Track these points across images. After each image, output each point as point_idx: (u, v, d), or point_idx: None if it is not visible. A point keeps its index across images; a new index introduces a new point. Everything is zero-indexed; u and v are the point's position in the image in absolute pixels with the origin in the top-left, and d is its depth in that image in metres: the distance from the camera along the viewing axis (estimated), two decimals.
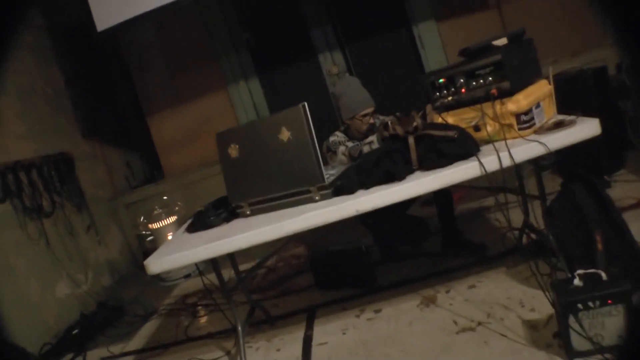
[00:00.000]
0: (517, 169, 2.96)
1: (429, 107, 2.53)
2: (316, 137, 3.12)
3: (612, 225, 2.40)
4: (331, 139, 3.24)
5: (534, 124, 2.34)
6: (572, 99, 3.77)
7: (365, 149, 2.87)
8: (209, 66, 5.36)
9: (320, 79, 5.24)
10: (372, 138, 2.88)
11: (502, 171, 2.15)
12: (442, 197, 3.31)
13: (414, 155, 2.24)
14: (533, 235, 2.98)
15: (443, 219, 3.36)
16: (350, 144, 3.14)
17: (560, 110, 3.81)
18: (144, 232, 4.95)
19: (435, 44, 5.06)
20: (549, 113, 2.47)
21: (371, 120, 3.19)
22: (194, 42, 5.32)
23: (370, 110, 3.19)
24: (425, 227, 3.58)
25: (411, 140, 2.25)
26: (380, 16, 5.18)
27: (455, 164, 2.19)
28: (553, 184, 3.59)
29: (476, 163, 2.13)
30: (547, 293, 2.21)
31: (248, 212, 2.56)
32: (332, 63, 5.21)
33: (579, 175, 2.54)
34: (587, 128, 2.21)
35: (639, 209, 3.13)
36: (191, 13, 5.04)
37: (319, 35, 5.20)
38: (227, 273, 3.07)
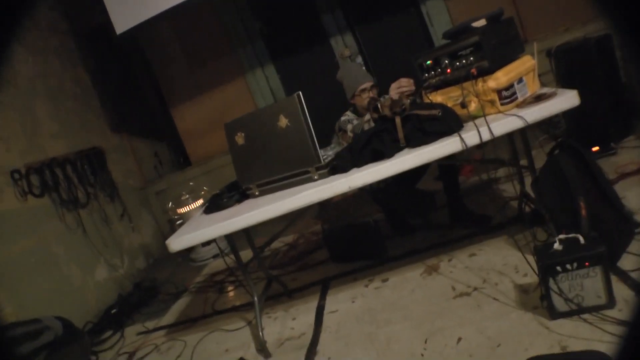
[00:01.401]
0: (512, 143, 3.08)
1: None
2: (330, 118, 3.32)
3: (598, 192, 2.49)
4: (342, 118, 3.42)
5: (516, 98, 2.46)
6: (577, 69, 3.85)
7: (366, 126, 3.03)
8: (226, 56, 5.53)
9: (333, 62, 5.35)
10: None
11: (492, 147, 2.27)
12: (447, 172, 3.44)
13: (400, 134, 2.41)
14: (531, 205, 3.08)
15: (449, 192, 3.49)
16: (356, 121, 3.30)
17: (565, 81, 3.89)
18: (173, 217, 5.19)
19: (444, 21, 5.09)
20: (532, 87, 2.58)
21: (371, 94, 3.35)
22: (210, 34, 5.49)
23: (367, 84, 3.37)
24: (432, 200, 3.73)
25: (398, 120, 2.42)
26: None
27: (439, 141, 2.35)
28: None
29: (457, 139, 2.28)
30: (526, 258, 2.35)
31: (257, 193, 2.79)
32: (343, 46, 5.32)
33: (566, 144, 2.61)
34: (565, 100, 2.30)
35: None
36: (205, 7, 5.19)
37: (329, 19, 5.32)
38: (249, 253, 3.30)
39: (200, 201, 4.97)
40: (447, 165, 3.35)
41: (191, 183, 5.42)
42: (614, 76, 3.98)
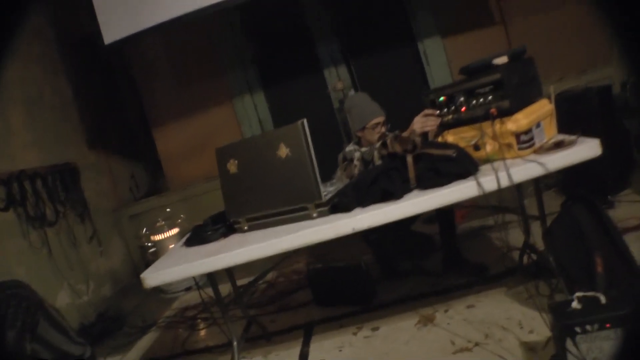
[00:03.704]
0: (519, 189, 2.95)
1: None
2: (319, 152, 3.13)
3: (613, 247, 2.37)
4: (347, 148, 3.23)
5: (534, 143, 2.34)
6: (576, 118, 3.78)
7: (376, 153, 2.85)
8: (215, 79, 5.39)
9: (325, 94, 5.25)
10: None
11: (500, 191, 2.14)
12: (444, 215, 3.29)
13: (412, 174, 2.24)
14: (534, 256, 2.95)
15: (444, 237, 3.34)
16: (365, 149, 3.13)
17: (564, 129, 3.81)
18: (146, 244, 4.95)
19: (441, 61, 5.06)
20: (549, 132, 2.46)
21: (383, 130, 3.20)
22: (200, 55, 5.36)
23: (380, 119, 3.22)
24: (431, 243, 3.58)
25: (409, 158, 2.25)
26: (385, 32, 5.20)
27: (453, 184, 2.19)
28: (557, 203, 3.55)
29: (474, 183, 2.13)
30: (543, 315, 2.20)
31: (245, 228, 2.57)
32: (337, 78, 5.22)
33: (580, 196, 2.50)
34: (587, 148, 2.21)
35: None
36: (198, 26, 5.06)
37: (324, 50, 5.22)
38: (228, 287, 3.08)
39: (177, 229, 4.75)
40: (444, 208, 3.19)
41: (168, 209, 5.20)
42: (613, 128, 3.94)
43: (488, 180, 2.13)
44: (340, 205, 2.32)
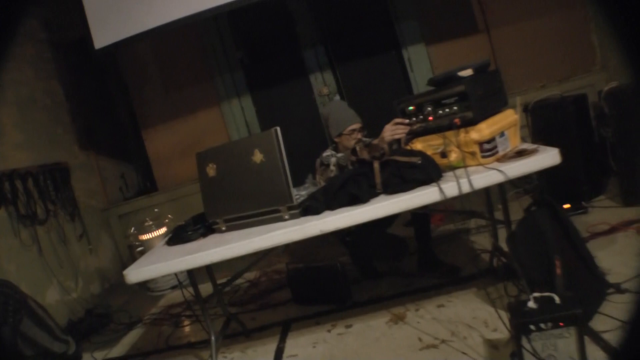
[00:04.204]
0: (487, 196, 3.06)
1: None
2: (305, 155, 3.24)
3: (574, 251, 2.49)
4: (324, 154, 3.33)
5: (497, 152, 2.45)
6: (553, 126, 3.90)
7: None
8: (203, 83, 5.46)
9: (311, 99, 5.33)
10: None
11: (479, 196, 2.25)
12: (419, 219, 3.40)
13: (378, 180, 2.35)
14: (503, 259, 3.06)
15: (419, 239, 3.45)
16: (340, 155, 3.24)
17: (541, 137, 3.92)
18: (134, 243, 5.03)
19: (425, 67, 5.14)
20: (514, 142, 2.57)
21: (359, 136, 3.29)
22: (189, 59, 5.43)
23: (357, 126, 3.31)
24: (405, 246, 3.67)
25: (376, 165, 2.36)
26: (371, 39, 5.28)
27: (417, 189, 2.30)
28: None
29: (437, 189, 2.23)
30: (499, 313, 2.30)
31: (223, 228, 2.68)
32: (323, 83, 5.30)
33: (543, 201, 2.61)
34: (547, 157, 2.30)
35: (611, 235, 3.19)
36: (187, 31, 5.14)
37: (310, 56, 5.30)
38: (211, 286, 3.19)
39: (164, 229, 4.84)
40: (419, 213, 3.30)
41: (156, 210, 5.28)
42: (588, 136, 4.06)
43: (450, 187, 2.24)
44: (311, 208, 2.44)
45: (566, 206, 3.75)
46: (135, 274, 2.54)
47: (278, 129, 2.41)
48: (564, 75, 4.90)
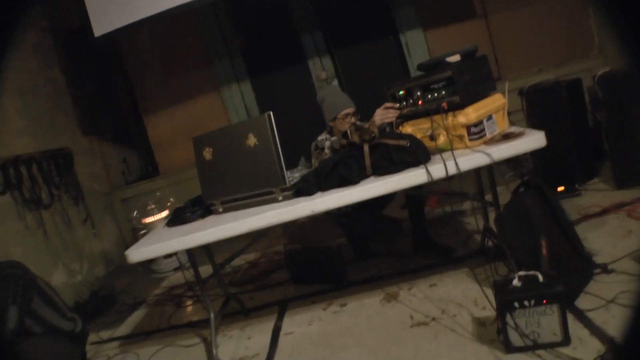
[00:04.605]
0: (478, 178, 3.13)
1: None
2: (304, 139, 3.31)
3: (561, 232, 2.55)
4: (319, 138, 3.40)
5: (485, 135, 2.51)
6: (547, 111, 3.94)
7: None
8: (203, 69, 5.51)
9: (310, 83, 5.38)
10: None
11: (459, 179, 2.32)
12: (413, 201, 3.48)
13: (367, 162, 2.43)
14: (494, 240, 3.12)
15: (413, 221, 3.52)
16: (334, 138, 3.31)
17: (535, 121, 3.97)
18: (137, 226, 5.11)
19: (422, 52, 5.17)
20: (501, 125, 2.63)
21: (353, 120, 3.36)
22: (188, 45, 5.47)
23: (350, 110, 3.38)
24: (398, 227, 3.75)
25: (366, 147, 2.44)
26: (368, 24, 5.31)
27: (405, 171, 2.37)
28: None
29: (424, 171, 2.31)
30: (484, 291, 2.38)
31: (220, 210, 2.77)
32: (321, 68, 5.36)
33: (531, 183, 2.67)
34: (533, 140, 2.36)
35: (602, 217, 3.26)
36: (186, 18, 5.19)
37: (309, 41, 5.35)
38: (210, 268, 3.28)
39: (166, 212, 4.92)
40: (413, 195, 3.37)
41: (158, 193, 5.37)
42: (582, 119, 4.11)
43: (437, 168, 2.31)
44: (303, 189, 2.52)
45: (560, 189, 3.81)
46: (136, 253, 2.64)
47: (271, 113, 2.48)
48: (562, 60, 4.91)
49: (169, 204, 5.07)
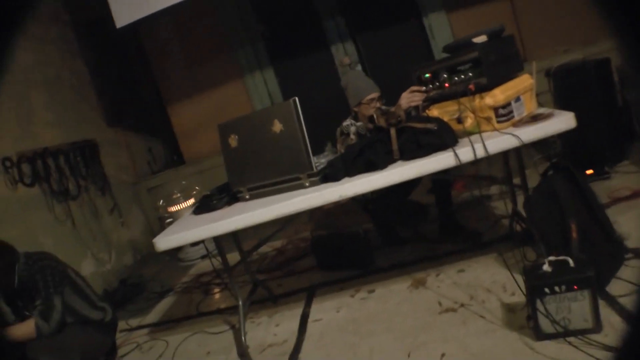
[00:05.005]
0: (506, 161, 3.07)
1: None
2: (326, 125, 3.30)
3: (590, 215, 2.49)
4: (344, 123, 3.36)
5: (513, 117, 2.46)
6: (575, 90, 3.86)
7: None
8: (225, 57, 5.51)
9: (333, 69, 5.36)
10: None
11: (486, 163, 2.28)
12: (440, 186, 3.43)
13: (394, 146, 2.40)
14: (522, 224, 3.08)
15: (440, 206, 3.48)
16: (360, 123, 3.29)
17: (562, 101, 3.89)
18: (164, 215, 5.16)
19: (446, 34, 5.11)
20: (530, 106, 2.58)
21: (378, 105, 3.31)
22: (210, 33, 5.47)
23: (375, 95, 3.32)
24: (424, 212, 3.72)
25: (393, 132, 2.41)
26: (391, 7, 5.25)
27: (433, 155, 2.34)
28: None
29: (452, 154, 2.28)
30: (514, 277, 2.34)
31: (247, 197, 2.77)
32: (344, 53, 5.32)
33: (560, 165, 2.61)
34: (562, 121, 2.30)
35: (632, 201, 3.18)
36: (207, 6, 5.18)
37: (331, 26, 5.31)
38: (237, 255, 3.29)
39: (192, 200, 4.95)
40: (440, 179, 3.34)
41: (183, 182, 5.40)
42: (611, 100, 4.01)
43: (465, 151, 2.28)
44: (330, 175, 2.51)
45: (589, 172, 3.73)
46: (164, 241, 2.66)
47: (296, 99, 2.46)
48: (588, 39, 4.79)
49: (194, 192, 5.10)
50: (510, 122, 2.45)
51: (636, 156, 3.87)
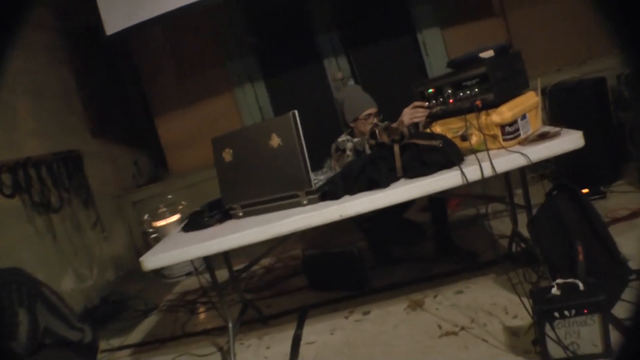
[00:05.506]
0: (507, 180, 3.01)
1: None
2: (318, 141, 3.21)
3: (595, 236, 2.43)
4: (340, 139, 3.28)
5: (519, 135, 2.40)
6: (570, 109, 3.83)
7: (367, 146, 2.92)
8: (216, 69, 5.43)
9: (325, 84, 5.30)
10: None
11: (483, 181, 2.21)
12: (435, 204, 3.37)
13: (398, 164, 2.31)
14: (522, 244, 3.02)
15: (436, 224, 3.42)
16: (357, 139, 3.20)
17: (558, 120, 3.86)
18: (148, 230, 5.03)
19: (440, 51, 5.08)
20: (535, 124, 2.52)
21: (375, 120, 3.25)
22: (201, 45, 5.39)
23: (372, 110, 3.26)
24: (420, 231, 3.65)
25: (396, 148, 2.33)
26: (385, 23, 5.22)
27: (438, 173, 2.26)
28: None
29: (458, 172, 2.19)
30: (526, 301, 2.26)
31: (240, 214, 2.66)
32: (337, 68, 5.26)
33: (564, 185, 2.56)
34: (570, 140, 2.26)
35: (631, 221, 3.15)
36: (199, 16, 5.05)
37: (324, 40, 5.25)
38: (227, 273, 3.18)
39: (178, 215, 4.84)
40: (436, 197, 3.26)
41: (170, 196, 5.26)
42: (607, 119, 3.99)
43: (471, 170, 2.20)
44: (329, 193, 2.41)
45: (584, 191, 3.68)
46: (152, 260, 2.53)
47: (296, 112, 2.37)
48: (582, 58, 4.80)
49: (180, 207, 4.98)
50: (517, 140, 2.38)
51: (631, 176, 3.85)
